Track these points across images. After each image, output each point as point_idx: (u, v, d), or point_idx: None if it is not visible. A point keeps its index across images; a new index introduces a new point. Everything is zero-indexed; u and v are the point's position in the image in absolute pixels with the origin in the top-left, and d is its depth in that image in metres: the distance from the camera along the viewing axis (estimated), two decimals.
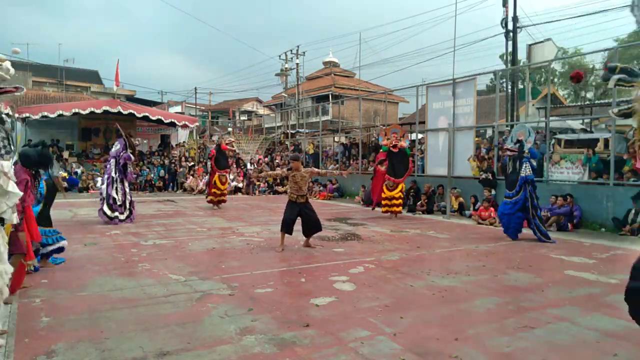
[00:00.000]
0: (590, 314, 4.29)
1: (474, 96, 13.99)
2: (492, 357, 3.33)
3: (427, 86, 15.57)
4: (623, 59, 23.70)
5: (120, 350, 3.32)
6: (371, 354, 3.32)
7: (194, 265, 5.95)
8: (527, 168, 8.47)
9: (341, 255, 6.87)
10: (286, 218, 7.27)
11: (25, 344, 3.44)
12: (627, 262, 6.88)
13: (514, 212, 8.55)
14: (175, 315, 4.09)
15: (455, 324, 3.98)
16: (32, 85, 30.02)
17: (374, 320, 4.03)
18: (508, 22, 17.99)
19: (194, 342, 3.49)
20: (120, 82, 24.83)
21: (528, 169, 8.48)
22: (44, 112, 19.56)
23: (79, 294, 4.70)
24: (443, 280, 5.46)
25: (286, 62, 32.25)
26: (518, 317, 4.18)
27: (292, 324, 3.92)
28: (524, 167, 8.47)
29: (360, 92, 27.14)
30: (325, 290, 4.95)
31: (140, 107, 22.76)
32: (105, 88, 34.20)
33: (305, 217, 7.29)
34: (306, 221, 7.32)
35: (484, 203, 11.45)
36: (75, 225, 9.39)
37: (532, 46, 16.80)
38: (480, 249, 7.65)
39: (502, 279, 5.64)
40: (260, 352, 3.33)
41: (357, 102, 21.55)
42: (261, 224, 10.12)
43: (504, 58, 21.76)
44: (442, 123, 14.45)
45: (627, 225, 9.49)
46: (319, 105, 31.31)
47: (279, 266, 6.16)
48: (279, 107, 36.42)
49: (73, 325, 3.82)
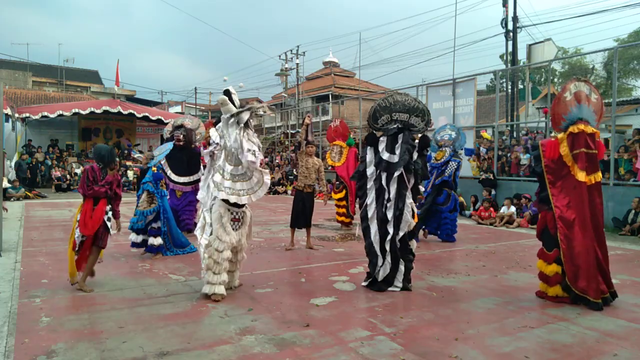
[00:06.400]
0: (590, 314, 4.29)
1: (474, 96, 14.01)
2: (492, 357, 3.33)
3: (427, 86, 15.58)
4: (623, 59, 23.73)
5: (120, 350, 3.32)
6: (371, 354, 3.32)
7: (194, 265, 5.95)
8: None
9: (341, 255, 6.87)
10: (295, 213, 7.23)
11: (25, 344, 3.44)
12: (627, 262, 6.91)
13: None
14: (175, 315, 4.09)
15: (455, 324, 3.97)
16: (32, 85, 29.99)
17: (374, 320, 4.03)
18: (508, 22, 18.00)
19: (194, 342, 3.49)
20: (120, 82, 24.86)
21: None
22: (44, 112, 19.56)
23: (79, 294, 4.69)
24: (443, 280, 5.46)
25: (286, 62, 32.23)
26: (518, 317, 4.18)
27: (292, 324, 3.92)
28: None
29: (360, 92, 27.15)
30: (325, 290, 4.95)
31: (140, 107, 22.77)
32: (105, 88, 34.15)
33: (301, 205, 7.21)
34: (300, 210, 7.23)
35: (484, 203, 11.45)
36: None
37: (532, 46, 16.80)
38: (480, 249, 7.65)
39: (502, 279, 5.63)
40: (260, 352, 3.33)
41: (357, 102, 21.54)
42: (261, 224, 10.12)
43: (504, 58, 21.75)
44: (442, 123, 14.42)
45: (627, 225, 9.48)
46: (319, 105, 31.28)
47: (279, 266, 6.15)
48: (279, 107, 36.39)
49: (73, 325, 3.82)
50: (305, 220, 7.27)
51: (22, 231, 8.83)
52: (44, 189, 18.12)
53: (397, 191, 4.98)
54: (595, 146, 4.60)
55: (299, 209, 7.23)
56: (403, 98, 5.12)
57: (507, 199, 11.25)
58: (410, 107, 5.03)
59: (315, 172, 7.19)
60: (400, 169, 4.95)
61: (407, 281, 5.01)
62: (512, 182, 12.63)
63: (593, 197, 4.58)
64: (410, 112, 5.02)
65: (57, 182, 18.99)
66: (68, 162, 20.89)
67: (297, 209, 7.25)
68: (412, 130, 5.06)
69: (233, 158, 4.71)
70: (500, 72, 16.30)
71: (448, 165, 8.24)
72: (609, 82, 21.86)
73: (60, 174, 19.37)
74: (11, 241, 7.60)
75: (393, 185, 5.00)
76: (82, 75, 36.09)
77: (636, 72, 27.04)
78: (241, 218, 4.89)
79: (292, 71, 32.35)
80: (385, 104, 5.11)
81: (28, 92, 26.62)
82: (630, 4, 18.31)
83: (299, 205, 7.23)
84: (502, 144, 14.48)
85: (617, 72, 11.02)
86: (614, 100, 10.89)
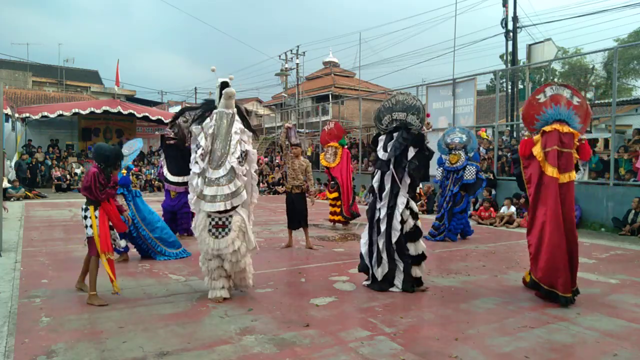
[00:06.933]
0: (590, 314, 4.29)
1: (474, 96, 14.00)
2: (492, 357, 3.33)
3: (427, 86, 15.58)
4: (623, 59, 23.72)
5: (120, 350, 3.32)
6: (371, 354, 3.32)
7: (194, 265, 5.94)
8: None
9: (341, 255, 6.87)
10: (288, 214, 7.33)
11: (25, 344, 3.44)
12: (627, 262, 6.91)
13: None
14: (175, 315, 4.09)
15: (455, 324, 3.97)
16: (32, 85, 30.00)
17: (374, 320, 4.03)
18: (508, 22, 18.00)
19: (194, 342, 3.49)
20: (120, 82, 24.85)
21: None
22: (44, 112, 19.57)
23: (79, 294, 4.70)
24: (443, 280, 5.46)
25: (286, 62, 32.22)
26: (518, 317, 4.18)
27: (292, 324, 3.92)
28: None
29: (360, 92, 27.13)
30: (325, 290, 4.95)
31: (140, 107, 22.78)
32: (105, 88, 34.15)
33: (292, 207, 7.27)
34: (290, 211, 7.30)
35: (484, 203, 11.44)
36: (75, 225, 9.38)
37: (532, 46, 16.79)
38: (480, 249, 7.65)
39: (502, 279, 5.63)
40: (260, 352, 3.33)
41: (357, 102, 21.54)
42: (261, 224, 10.11)
43: (504, 58, 21.75)
44: (442, 123, 14.45)
45: (627, 225, 9.48)
46: (319, 105, 31.26)
47: (279, 266, 6.15)
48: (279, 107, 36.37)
49: (73, 325, 3.82)
50: (299, 221, 7.31)
51: (22, 231, 8.83)
52: (44, 189, 18.13)
53: (390, 190, 5.00)
54: (572, 145, 4.69)
55: (289, 211, 7.31)
56: (404, 97, 5.16)
57: (507, 199, 11.25)
58: (407, 106, 5.06)
59: (302, 172, 7.25)
60: (389, 168, 4.99)
61: (407, 283, 4.94)
62: (512, 182, 12.56)
63: (565, 194, 4.66)
64: (408, 110, 5.04)
65: (57, 182, 19.01)
66: (68, 162, 20.90)
67: (289, 211, 7.33)
68: (409, 128, 5.07)
69: (214, 161, 4.37)
70: (500, 72, 16.30)
71: (466, 170, 8.35)
72: (609, 82, 21.88)
73: (60, 174, 19.38)
74: (11, 241, 7.60)
75: (387, 183, 5.03)
76: (82, 75, 36.09)
77: (636, 72, 27.02)
78: (227, 223, 4.41)
79: (292, 71, 32.35)
80: (388, 104, 5.18)
81: (28, 92, 26.63)
82: (630, 4, 18.30)
83: (289, 206, 7.32)
84: (502, 143, 14.47)
85: (617, 72, 11.02)
86: (614, 100, 10.87)
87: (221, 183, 4.29)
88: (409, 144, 5.01)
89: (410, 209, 5.00)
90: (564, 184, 4.63)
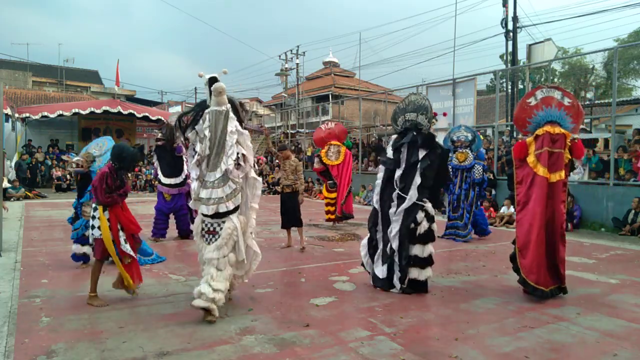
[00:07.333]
0: (590, 314, 4.29)
1: (474, 96, 14.00)
2: (492, 357, 3.33)
3: (427, 86, 15.57)
4: (623, 59, 23.72)
5: (120, 350, 3.32)
6: (371, 354, 3.32)
7: (194, 265, 5.94)
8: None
9: (341, 255, 6.87)
10: (281, 214, 7.37)
11: (25, 344, 3.44)
12: (627, 262, 6.91)
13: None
14: (175, 315, 4.09)
15: (455, 324, 3.97)
16: (32, 85, 30.00)
17: (374, 320, 4.03)
18: (508, 22, 18.00)
19: (194, 342, 3.49)
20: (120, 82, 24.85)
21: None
22: (44, 112, 19.56)
23: (79, 294, 4.69)
24: (443, 280, 5.46)
25: (286, 62, 32.20)
26: (518, 317, 4.18)
27: (292, 324, 3.92)
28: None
29: (360, 92, 27.13)
30: (325, 290, 4.95)
31: (140, 107, 22.77)
32: (105, 88, 34.15)
33: (284, 206, 7.31)
34: (285, 212, 7.32)
35: (484, 203, 11.43)
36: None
37: (532, 46, 16.78)
38: (480, 249, 7.65)
39: (502, 279, 5.63)
40: (260, 352, 3.33)
41: (357, 102, 21.54)
42: (261, 224, 10.11)
43: (504, 58, 21.75)
44: (442, 123, 14.44)
45: (627, 225, 9.48)
46: (319, 105, 31.28)
47: (279, 266, 6.16)
48: (279, 107, 36.36)
49: (73, 325, 3.82)
50: (290, 220, 7.33)
51: (22, 231, 8.83)
52: (44, 189, 18.12)
53: (401, 189, 5.01)
54: (562, 146, 4.75)
55: (282, 210, 7.35)
56: (415, 98, 5.25)
57: (507, 199, 11.23)
58: (418, 106, 5.12)
59: (292, 172, 7.26)
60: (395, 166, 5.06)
61: (403, 283, 4.87)
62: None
63: (554, 194, 4.73)
64: (418, 110, 5.09)
65: (57, 182, 19.00)
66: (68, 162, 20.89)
67: (282, 210, 7.36)
68: (420, 128, 5.07)
69: (210, 163, 4.21)
70: (500, 72, 16.29)
71: (475, 169, 8.40)
72: (609, 82, 21.86)
73: (60, 174, 19.37)
74: (11, 241, 7.60)
75: (394, 181, 5.07)
76: (82, 75, 36.10)
77: (636, 72, 27.01)
78: (218, 230, 4.18)
79: (292, 71, 32.33)
80: (402, 105, 5.26)
81: (28, 92, 26.62)
82: (630, 4, 18.30)
83: (282, 206, 7.35)
84: (502, 143, 14.47)
85: (617, 72, 11.02)
86: (614, 100, 10.87)
87: (215, 185, 4.17)
88: (417, 145, 5.01)
89: (426, 211, 4.91)
90: (554, 183, 4.72)
